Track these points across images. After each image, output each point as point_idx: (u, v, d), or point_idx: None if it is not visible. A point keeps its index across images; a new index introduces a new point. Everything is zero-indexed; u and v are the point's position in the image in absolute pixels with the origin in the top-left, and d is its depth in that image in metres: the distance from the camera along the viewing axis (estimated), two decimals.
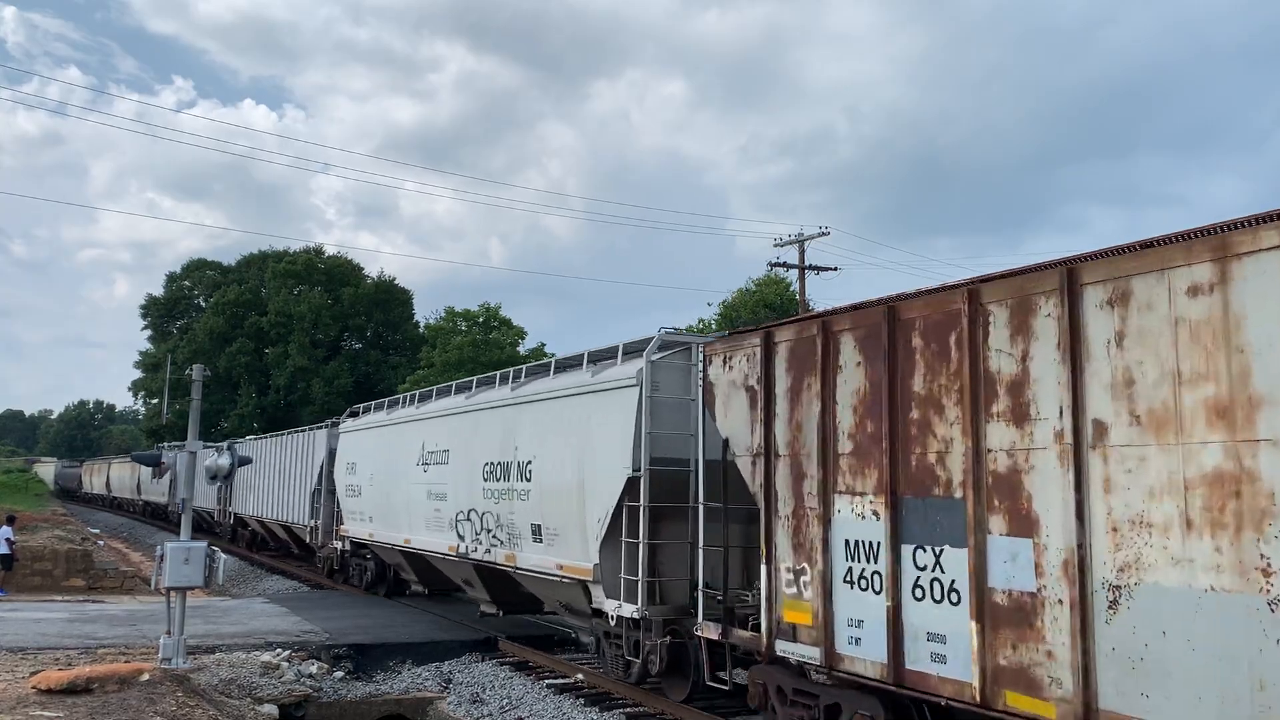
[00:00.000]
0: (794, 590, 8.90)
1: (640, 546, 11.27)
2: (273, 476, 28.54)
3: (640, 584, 11.22)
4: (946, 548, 7.37)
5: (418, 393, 19.54)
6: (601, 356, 13.20)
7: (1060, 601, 6.54)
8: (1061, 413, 6.57)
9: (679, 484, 11.17)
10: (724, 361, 10.13)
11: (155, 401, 68.01)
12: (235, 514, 34.65)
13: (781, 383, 9.24)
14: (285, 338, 65.40)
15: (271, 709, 12.38)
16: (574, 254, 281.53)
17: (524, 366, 15.51)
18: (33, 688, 10.85)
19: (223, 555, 13.50)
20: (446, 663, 14.78)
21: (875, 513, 8.03)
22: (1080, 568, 6.39)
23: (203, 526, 37.70)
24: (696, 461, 10.62)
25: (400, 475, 18.36)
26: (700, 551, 10.47)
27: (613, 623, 12.12)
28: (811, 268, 38.51)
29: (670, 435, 11.28)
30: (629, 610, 11.46)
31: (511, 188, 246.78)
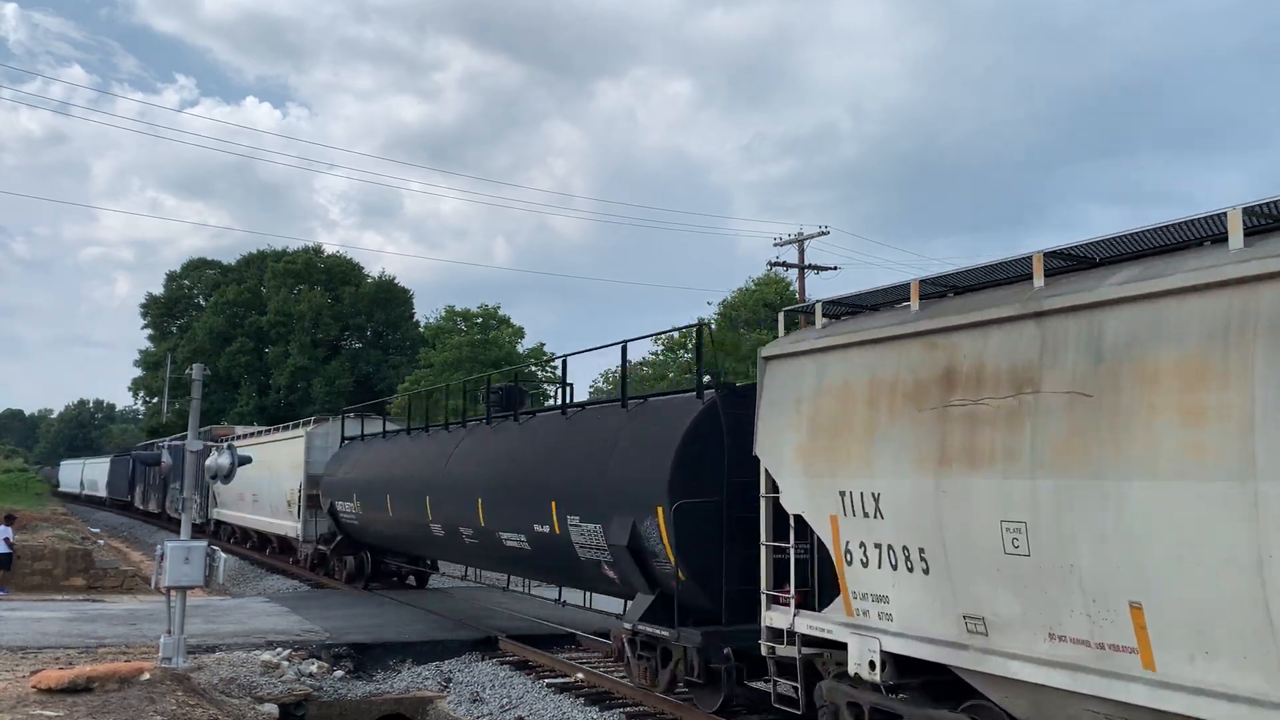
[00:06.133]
0: None
1: None
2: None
3: None
4: None
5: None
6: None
7: None
8: None
9: None
10: None
11: (155, 401, 68.11)
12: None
13: None
14: (285, 337, 65.50)
15: (272, 708, 12.39)
16: (578, 253, 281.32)
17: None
18: (33, 687, 10.86)
19: (223, 555, 13.51)
20: (446, 662, 14.79)
21: None
22: None
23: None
24: None
25: None
26: None
27: None
28: (811, 267, 38.60)
29: None
30: None
31: (516, 187, 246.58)
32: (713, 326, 47.39)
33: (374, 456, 21.20)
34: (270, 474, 27.49)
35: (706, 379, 12.03)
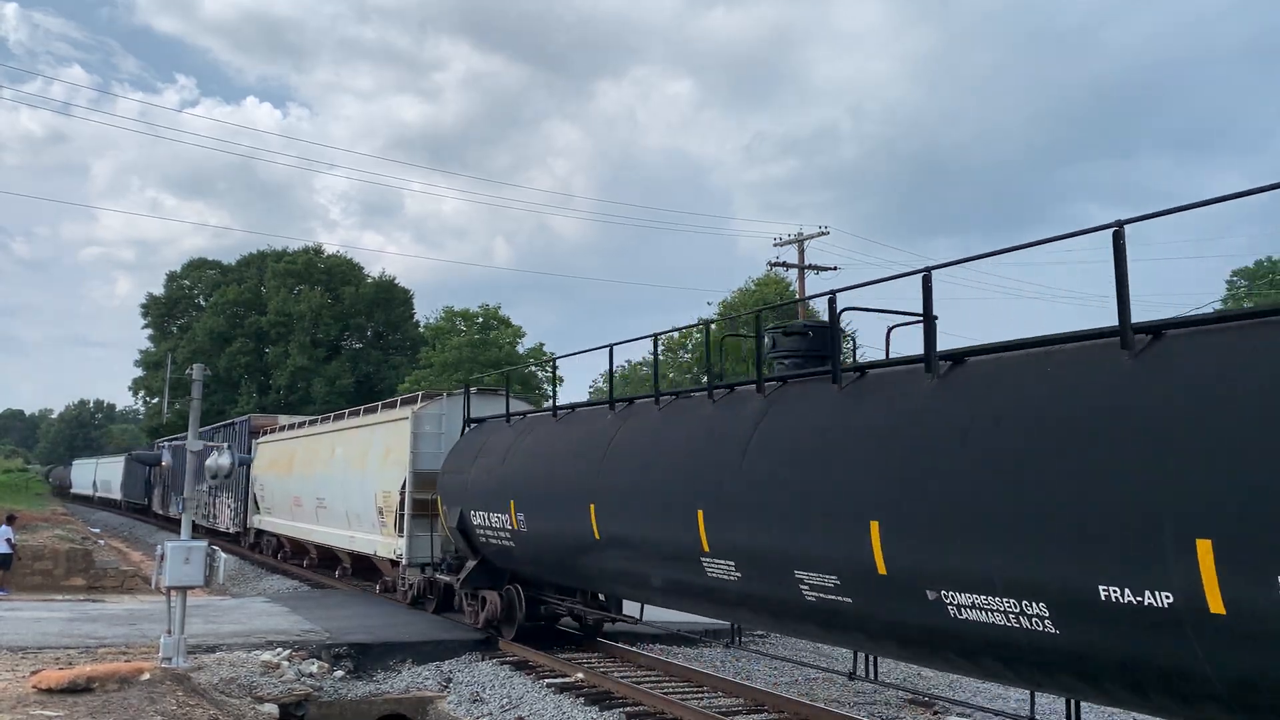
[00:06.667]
0: None
1: None
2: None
3: None
4: None
5: None
6: None
7: None
8: None
9: None
10: None
11: (155, 401, 68.10)
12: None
13: None
14: (285, 337, 65.55)
15: (272, 708, 12.39)
16: (579, 253, 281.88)
17: None
18: (33, 687, 10.87)
19: (223, 555, 13.52)
20: (447, 662, 14.80)
21: None
22: None
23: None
24: None
25: None
26: None
27: None
28: (811, 267, 38.61)
29: None
30: None
31: (516, 187, 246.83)
32: (713, 327, 47.48)
33: (543, 444, 13.92)
34: (348, 471, 21.52)
35: None
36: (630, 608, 13.81)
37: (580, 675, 13.52)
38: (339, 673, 14.05)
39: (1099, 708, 11.41)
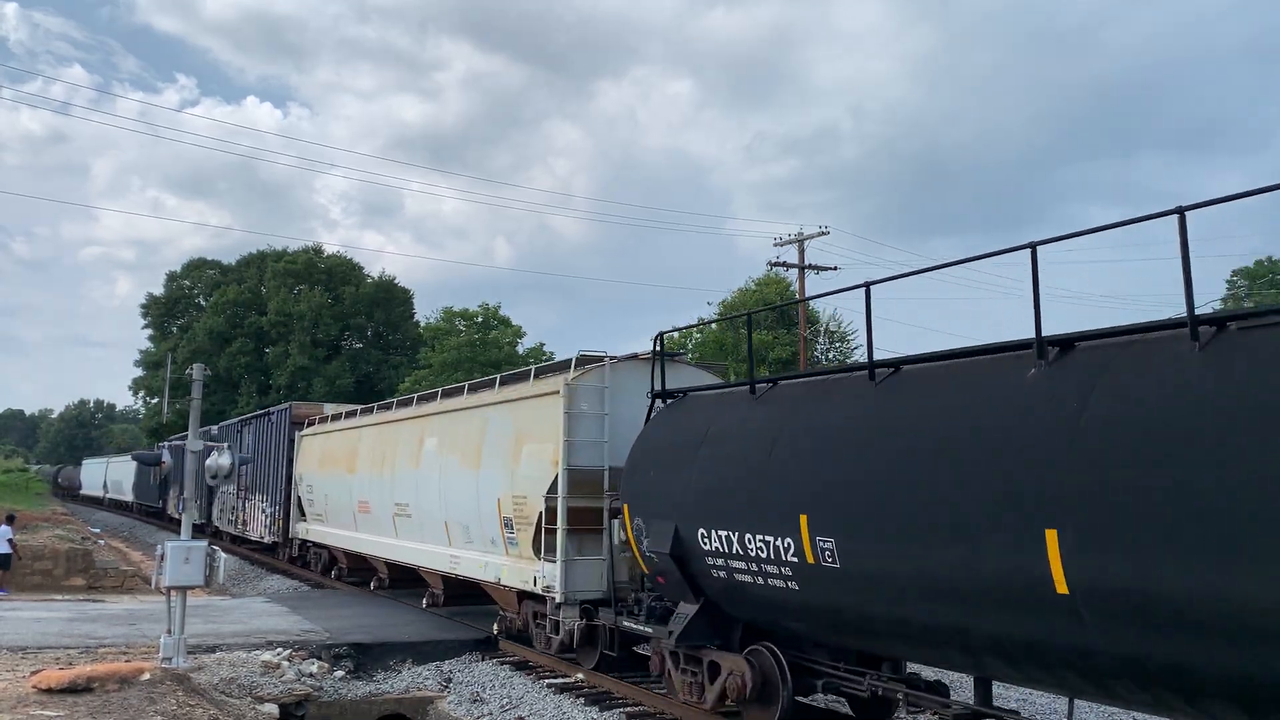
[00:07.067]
0: None
1: None
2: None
3: None
4: None
5: None
6: None
7: None
8: None
9: None
10: None
11: (155, 401, 68.05)
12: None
13: None
14: (285, 337, 65.51)
15: (272, 708, 12.39)
16: (579, 253, 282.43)
17: None
18: (33, 687, 10.87)
19: (223, 555, 13.51)
20: (447, 662, 14.79)
21: None
22: None
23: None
24: None
25: None
26: None
27: None
28: (811, 267, 38.57)
29: None
30: None
31: (516, 187, 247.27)
32: (713, 326, 47.50)
33: (869, 423, 8.55)
34: (450, 469, 16.50)
35: None
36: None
37: (580, 675, 13.52)
38: (339, 673, 14.05)
39: (1099, 706, 11.41)
